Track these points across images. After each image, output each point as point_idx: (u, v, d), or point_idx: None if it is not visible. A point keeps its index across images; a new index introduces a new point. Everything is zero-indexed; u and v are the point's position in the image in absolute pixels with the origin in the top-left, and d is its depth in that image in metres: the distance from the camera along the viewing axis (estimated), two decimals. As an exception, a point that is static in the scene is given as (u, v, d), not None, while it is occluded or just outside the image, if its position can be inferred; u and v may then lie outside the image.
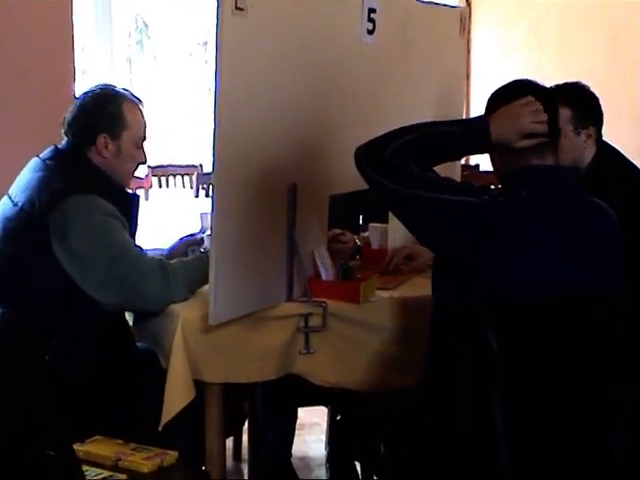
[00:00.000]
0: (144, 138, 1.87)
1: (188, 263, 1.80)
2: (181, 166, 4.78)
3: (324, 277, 1.88)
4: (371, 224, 2.23)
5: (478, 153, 1.58)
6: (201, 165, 4.76)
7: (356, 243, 2.18)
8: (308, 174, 1.85)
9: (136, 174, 1.93)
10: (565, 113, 1.77)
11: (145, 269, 1.72)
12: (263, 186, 1.72)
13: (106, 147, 1.81)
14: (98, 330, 1.76)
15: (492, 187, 1.59)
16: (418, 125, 1.51)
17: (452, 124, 1.52)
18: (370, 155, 1.47)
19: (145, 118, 1.87)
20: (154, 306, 1.75)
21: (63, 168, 1.78)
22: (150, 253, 1.81)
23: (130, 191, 1.90)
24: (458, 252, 1.43)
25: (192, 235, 1.99)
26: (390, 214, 1.96)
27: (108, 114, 1.80)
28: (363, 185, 1.52)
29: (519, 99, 1.48)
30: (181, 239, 1.99)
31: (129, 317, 1.87)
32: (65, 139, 1.84)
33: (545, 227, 1.44)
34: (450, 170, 2.06)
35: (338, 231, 2.12)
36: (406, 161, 1.46)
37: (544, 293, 1.41)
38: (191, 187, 4.53)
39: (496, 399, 1.39)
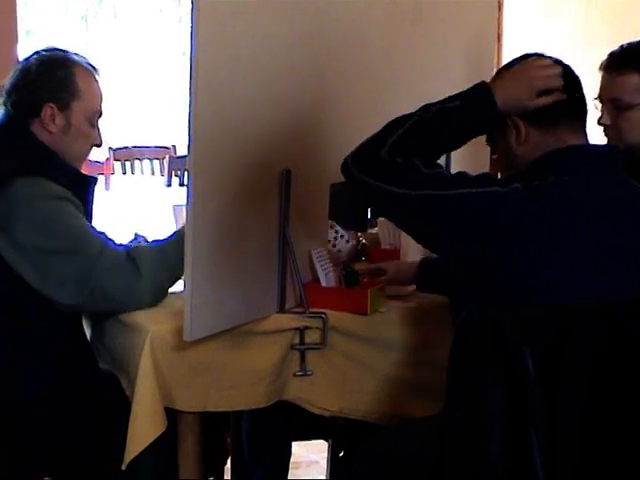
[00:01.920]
0: (100, 113, 1.85)
1: (165, 249, 1.79)
2: (150, 148, 4.79)
3: (324, 283, 1.89)
4: (381, 218, 2.25)
5: (487, 130, 1.57)
6: (174, 147, 4.78)
7: (360, 241, 2.21)
8: (305, 158, 1.86)
9: (93, 158, 1.92)
10: (633, 80, 1.76)
11: (110, 261, 1.71)
12: (250, 173, 1.73)
13: (52, 120, 1.79)
14: (55, 348, 1.76)
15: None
16: (410, 114, 1.51)
17: (448, 100, 1.53)
18: (364, 160, 1.49)
19: (102, 89, 1.85)
20: (122, 306, 1.75)
21: (3, 145, 1.77)
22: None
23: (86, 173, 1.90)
24: (487, 252, 1.44)
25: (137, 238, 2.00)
26: None
27: (56, 80, 1.78)
28: None
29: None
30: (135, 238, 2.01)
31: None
32: (3, 110, 1.82)
33: (594, 218, 1.45)
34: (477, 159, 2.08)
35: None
36: (410, 158, 1.47)
37: (597, 300, 1.42)
38: (162, 174, 4.55)
39: (534, 436, 1.39)
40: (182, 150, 4.53)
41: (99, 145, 1.86)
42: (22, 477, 1.54)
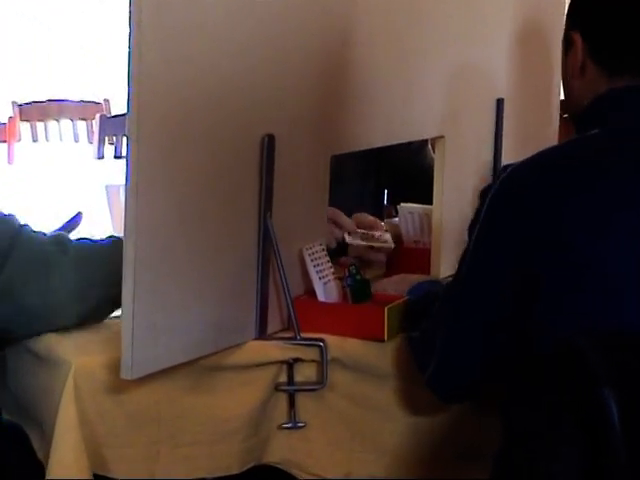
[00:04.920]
0: None
1: (104, 247, 1.84)
2: (72, 103, 4.76)
3: (322, 297, 1.89)
4: (403, 204, 2.26)
5: None
6: (107, 102, 4.74)
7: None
8: (294, 119, 1.88)
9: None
10: None
11: (28, 254, 1.76)
12: (217, 139, 1.74)
13: None
14: None
15: None
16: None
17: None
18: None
19: None
20: (40, 322, 1.78)
21: None
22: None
23: None
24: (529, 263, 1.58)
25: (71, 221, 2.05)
26: (436, 187, 2.08)
27: None
28: (391, 139, 1.66)
29: None
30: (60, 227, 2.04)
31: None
32: None
33: None
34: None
35: (367, 217, 2.16)
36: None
37: None
38: (90, 141, 4.54)
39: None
40: (119, 107, 4.49)
41: None
42: None
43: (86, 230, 2.00)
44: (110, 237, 1.89)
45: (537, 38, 2.47)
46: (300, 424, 1.81)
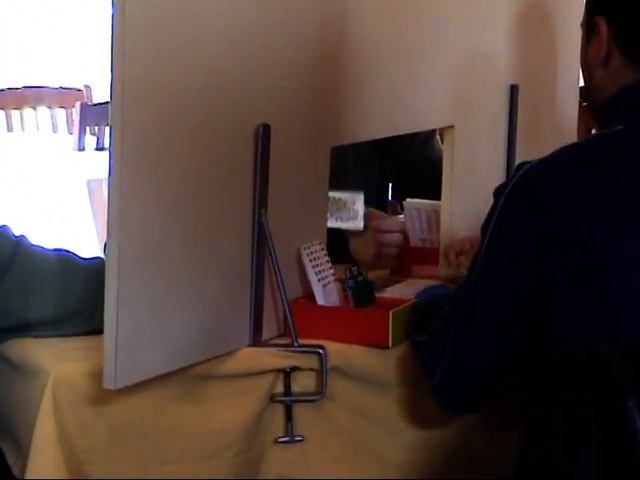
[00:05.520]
0: None
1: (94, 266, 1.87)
2: (50, 90, 4.74)
3: (321, 300, 1.90)
4: (409, 200, 2.27)
5: None
6: (88, 88, 4.73)
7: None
8: (292, 108, 1.89)
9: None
10: None
11: (27, 269, 1.78)
12: (208, 129, 1.74)
13: None
14: None
15: None
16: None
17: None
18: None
19: None
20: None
21: None
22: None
23: None
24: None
25: None
26: (445, 180, 2.12)
27: None
28: (394, 129, 1.68)
29: None
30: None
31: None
32: None
33: None
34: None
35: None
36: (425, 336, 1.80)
37: None
38: (69, 131, 4.52)
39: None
40: (101, 95, 4.47)
41: None
42: None
43: (66, 229, 2.00)
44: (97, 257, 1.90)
45: (554, 19, 2.49)
46: (298, 438, 1.81)
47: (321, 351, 1.80)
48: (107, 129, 1.70)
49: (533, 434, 1.59)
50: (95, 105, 4.30)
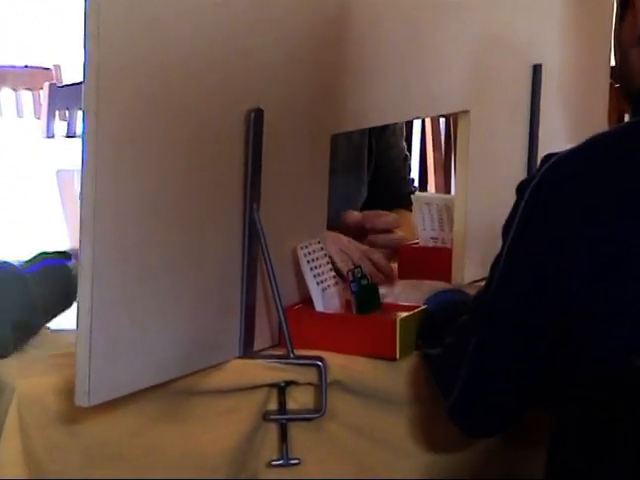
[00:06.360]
0: None
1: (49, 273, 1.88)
2: (15, 69, 4.75)
3: (320, 306, 1.90)
4: (418, 193, 2.37)
5: None
6: (58, 68, 4.73)
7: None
8: (287, 92, 1.90)
9: None
10: None
11: None
12: (194, 114, 1.74)
13: None
14: None
15: None
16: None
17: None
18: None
19: None
20: None
21: None
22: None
23: None
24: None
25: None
26: (459, 172, 2.16)
27: None
28: (400, 115, 1.71)
29: None
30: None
31: None
32: None
33: None
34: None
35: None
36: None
37: None
38: (36, 116, 4.53)
39: None
40: (72, 75, 4.47)
41: None
42: None
43: (35, 226, 2.00)
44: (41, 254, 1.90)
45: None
46: (294, 461, 1.79)
47: (320, 363, 1.79)
48: (80, 114, 1.67)
49: (562, 456, 1.61)
50: (66, 86, 4.30)
